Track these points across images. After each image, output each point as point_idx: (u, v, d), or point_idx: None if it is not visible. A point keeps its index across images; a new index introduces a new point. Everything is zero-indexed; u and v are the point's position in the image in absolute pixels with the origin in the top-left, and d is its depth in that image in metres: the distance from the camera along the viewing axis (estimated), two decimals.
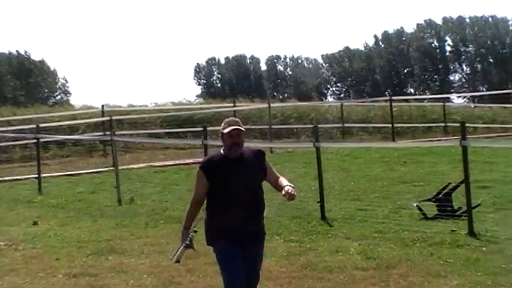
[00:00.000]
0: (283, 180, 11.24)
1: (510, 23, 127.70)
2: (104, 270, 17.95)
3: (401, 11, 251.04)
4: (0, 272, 18.46)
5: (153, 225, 23.94)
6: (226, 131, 10.82)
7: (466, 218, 19.57)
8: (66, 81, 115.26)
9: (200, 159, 16.43)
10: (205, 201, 11.35)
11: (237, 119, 11.23)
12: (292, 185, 11.13)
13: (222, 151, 11.04)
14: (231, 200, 10.71)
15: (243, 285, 10.86)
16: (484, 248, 17.62)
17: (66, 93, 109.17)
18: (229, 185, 10.70)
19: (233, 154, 10.90)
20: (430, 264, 16.70)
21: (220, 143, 11.51)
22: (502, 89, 66.51)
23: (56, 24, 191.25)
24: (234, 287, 10.86)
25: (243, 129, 10.95)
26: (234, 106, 53.78)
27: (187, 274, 17.72)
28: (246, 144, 11.61)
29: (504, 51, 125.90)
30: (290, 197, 10.96)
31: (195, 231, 11.38)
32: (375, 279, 15.78)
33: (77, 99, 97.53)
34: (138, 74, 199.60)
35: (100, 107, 52.69)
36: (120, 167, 30.98)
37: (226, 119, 11.18)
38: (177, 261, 11.73)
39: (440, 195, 21.42)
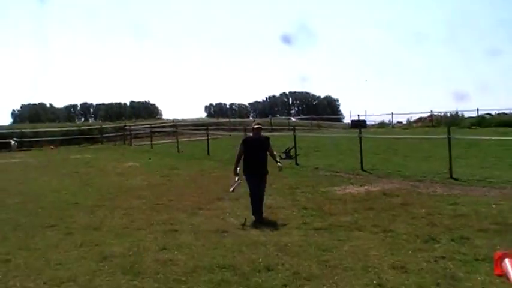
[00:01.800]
0: (275, 155, 10.75)
1: (310, 94, 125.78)
2: (173, 174, 18.14)
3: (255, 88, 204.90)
4: (137, 174, 18.69)
5: (192, 160, 23.42)
6: (254, 126, 10.73)
7: (294, 158, 19.37)
8: (161, 111, 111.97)
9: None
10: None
11: (260, 121, 11.45)
12: (280, 162, 10.78)
13: (251, 134, 10.79)
14: (253, 157, 10.22)
15: (256, 192, 10.13)
16: (301, 169, 17.70)
17: (161, 114, 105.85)
18: (252, 151, 10.27)
19: (255, 136, 10.49)
20: (281, 174, 16.46)
21: None
22: (308, 118, 64.86)
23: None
24: (253, 192, 10.17)
25: (261, 126, 10.90)
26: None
27: (207, 176, 17.75)
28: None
29: (312, 103, 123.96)
30: (280, 169, 10.66)
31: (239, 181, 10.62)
32: None
33: (164, 116, 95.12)
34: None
35: (171, 118, 52.09)
36: (179, 140, 30.41)
37: (255, 121, 11.36)
38: (233, 191, 10.74)
39: (286, 150, 21.32)
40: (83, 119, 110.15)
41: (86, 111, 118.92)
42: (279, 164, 10.66)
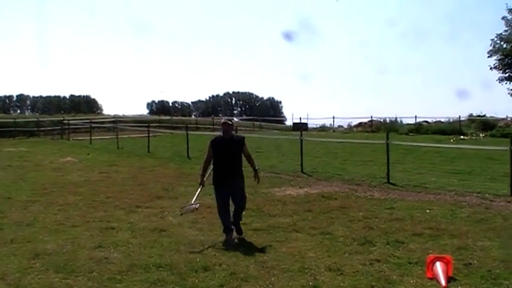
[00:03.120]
0: (253, 160, 8.76)
1: (254, 95, 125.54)
2: (112, 170, 17.91)
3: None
4: (74, 170, 18.40)
5: (132, 157, 23.17)
6: (222, 122, 8.66)
7: None
8: (102, 106, 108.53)
9: None
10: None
11: (230, 118, 9.12)
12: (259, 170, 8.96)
13: (221, 134, 8.61)
14: (222, 162, 8.36)
15: (225, 207, 8.42)
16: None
17: (101, 109, 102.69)
18: (222, 154, 8.39)
19: (226, 136, 8.46)
20: None
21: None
22: (250, 118, 64.32)
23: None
24: (221, 206, 8.40)
25: (230, 123, 8.72)
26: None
27: (143, 172, 17.44)
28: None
29: (255, 104, 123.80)
30: (257, 180, 8.78)
31: (197, 207, 9.08)
32: None
33: (105, 111, 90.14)
34: None
35: (112, 114, 51.24)
36: (119, 136, 29.94)
37: (224, 118, 9.04)
38: (181, 214, 9.47)
39: None
40: (19, 111, 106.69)
41: (22, 103, 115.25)
42: (257, 169, 8.77)
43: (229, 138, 8.58)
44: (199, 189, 8.91)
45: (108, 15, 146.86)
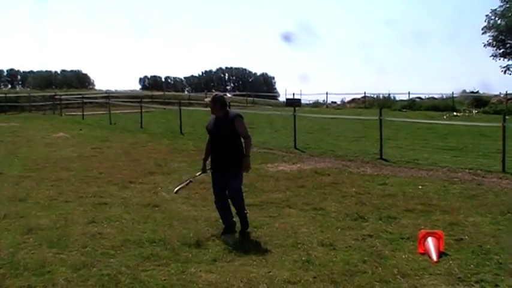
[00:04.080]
0: (247, 145, 7.23)
1: (247, 71, 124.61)
2: (104, 146, 17.78)
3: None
4: (67, 146, 18.27)
5: (124, 132, 23.11)
6: (205, 100, 7.85)
7: None
8: (94, 81, 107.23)
9: None
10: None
11: (215, 96, 7.49)
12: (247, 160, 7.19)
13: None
14: (214, 146, 7.23)
15: (218, 194, 7.28)
16: None
17: (93, 84, 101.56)
18: (213, 133, 7.24)
19: (219, 115, 7.25)
20: None
21: None
22: (243, 94, 63.46)
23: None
24: (215, 194, 7.32)
25: (212, 100, 7.25)
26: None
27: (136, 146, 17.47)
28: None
29: (249, 79, 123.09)
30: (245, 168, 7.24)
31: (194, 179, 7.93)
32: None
33: (97, 86, 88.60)
34: None
35: (104, 89, 50.69)
36: (111, 112, 29.88)
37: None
38: (176, 192, 8.20)
39: None
40: (9, 86, 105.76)
41: (13, 78, 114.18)
42: (247, 156, 7.30)
43: (223, 116, 7.30)
44: (199, 174, 7.84)
45: None
